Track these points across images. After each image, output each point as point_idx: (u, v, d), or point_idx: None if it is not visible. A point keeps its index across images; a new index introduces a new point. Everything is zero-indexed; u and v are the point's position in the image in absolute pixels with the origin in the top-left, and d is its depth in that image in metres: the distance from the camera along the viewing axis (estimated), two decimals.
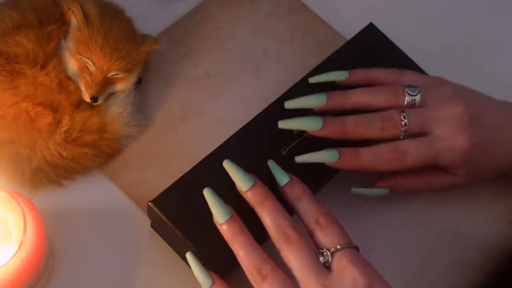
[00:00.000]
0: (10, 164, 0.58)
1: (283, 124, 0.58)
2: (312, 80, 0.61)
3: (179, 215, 0.54)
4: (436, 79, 0.61)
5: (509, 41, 0.74)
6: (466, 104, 0.57)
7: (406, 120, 0.57)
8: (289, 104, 0.59)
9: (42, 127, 0.58)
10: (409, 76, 0.61)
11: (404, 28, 0.67)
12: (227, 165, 0.55)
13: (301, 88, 0.62)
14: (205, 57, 0.68)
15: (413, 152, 0.57)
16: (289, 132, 0.60)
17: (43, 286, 0.56)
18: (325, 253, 0.50)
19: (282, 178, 0.55)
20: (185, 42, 0.69)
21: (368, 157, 0.57)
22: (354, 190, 0.60)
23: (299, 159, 0.57)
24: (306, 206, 0.53)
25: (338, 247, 0.50)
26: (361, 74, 0.61)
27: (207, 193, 0.53)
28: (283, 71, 0.69)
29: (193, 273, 0.58)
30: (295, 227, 0.51)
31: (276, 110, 0.61)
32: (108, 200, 0.60)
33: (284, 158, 0.59)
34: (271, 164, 0.56)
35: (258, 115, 0.60)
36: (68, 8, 0.59)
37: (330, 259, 0.50)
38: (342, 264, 0.49)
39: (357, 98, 0.59)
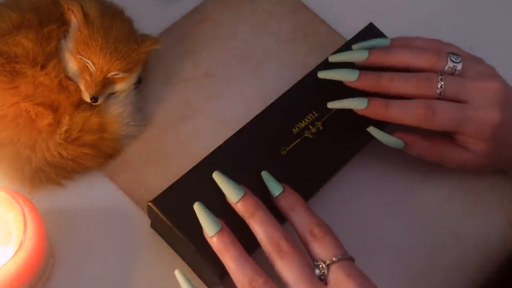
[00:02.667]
0: (10, 164, 0.58)
1: (322, 74, 0.61)
2: (355, 47, 0.63)
3: (179, 215, 0.54)
4: (477, 57, 0.62)
5: (509, 41, 0.74)
6: (505, 84, 0.58)
7: (442, 83, 0.57)
8: (333, 58, 0.62)
9: (42, 127, 0.58)
10: (452, 48, 0.62)
11: (404, 28, 0.67)
12: (216, 176, 0.54)
13: (302, 88, 0.62)
14: (205, 57, 0.68)
15: (443, 112, 0.57)
16: (289, 132, 0.60)
17: (43, 286, 0.56)
18: (320, 266, 0.49)
19: (275, 188, 0.54)
20: (185, 42, 0.69)
21: (396, 109, 0.57)
22: (372, 128, 0.59)
23: (331, 105, 0.59)
24: (300, 217, 0.52)
25: (334, 259, 0.49)
26: (403, 41, 0.62)
27: (196, 207, 0.52)
28: (283, 71, 0.69)
29: (193, 272, 0.58)
30: (288, 238, 0.50)
31: (276, 110, 0.61)
32: (108, 200, 0.60)
33: (284, 158, 0.59)
34: (265, 175, 0.55)
35: (258, 115, 0.60)
36: (68, 8, 0.58)
37: (326, 272, 0.49)
38: (338, 277, 0.48)
39: (398, 55, 0.60)
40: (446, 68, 0.59)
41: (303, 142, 0.60)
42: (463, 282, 0.61)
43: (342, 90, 0.60)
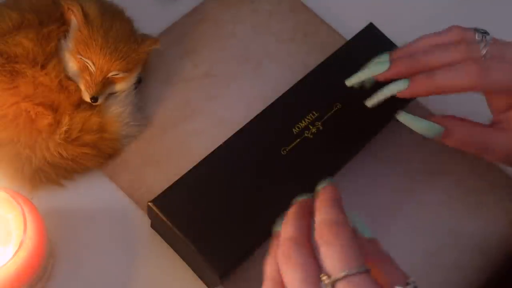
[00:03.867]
0: (10, 164, 0.58)
1: (350, 81, 0.56)
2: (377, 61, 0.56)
3: (179, 215, 0.54)
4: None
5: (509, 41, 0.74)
6: None
7: (485, 44, 0.51)
8: (350, 81, 0.57)
9: (42, 127, 0.58)
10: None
11: (404, 28, 0.67)
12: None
13: (302, 88, 0.62)
14: (205, 57, 0.68)
15: (498, 68, 0.49)
16: (289, 132, 0.60)
17: (43, 286, 0.56)
18: (326, 281, 0.40)
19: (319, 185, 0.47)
20: (185, 42, 0.69)
21: (444, 75, 0.49)
22: (404, 115, 0.53)
23: (370, 103, 0.54)
24: (321, 213, 0.43)
25: (342, 274, 0.39)
26: (429, 40, 0.54)
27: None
28: (283, 71, 0.69)
29: (193, 273, 0.58)
30: (300, 242, 0.42)
31: (276, 110, 0.61)
32: (108, 200, 0.61)
33: (284, 158, 0.59)
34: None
35: (258, 115, 0.60)
36: (68, 8, 0.59)
37: None
38: None
39: (424, 56, 0.52)
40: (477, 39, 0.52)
41: (303, 142, 0.60)
42: (463, 282, 0.61)
43: (344, 89, 0.60)
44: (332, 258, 0.40)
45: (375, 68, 0.53)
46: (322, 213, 0.43)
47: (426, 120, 0.52)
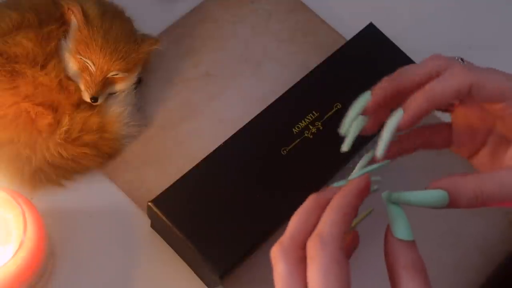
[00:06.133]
0: (10, 164, 0.58)
1: (346, 147, 0.46)
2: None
3: (179, 215, 0.54)
4: None
5: (509, 41, 0.75)
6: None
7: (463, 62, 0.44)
8: (345, 147, 0.46)
9: (42, 127, 0.58)
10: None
11: (404, 28, 0.67)
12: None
13: (302, 88, 0.62)
14: (205, 57, 0.68)
15: (484, 69, 0.43)
16: (289, 132, 0.60)
17: (43, 285, 0.56)
18: None
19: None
20: (185, 42, 0.69)
21: (431, 84, 0.42)
22: (400, 195, 0.45)
23: (380, 154, 0.45)
24: (322, 217, 0.39)
25: None
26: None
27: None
28: (283, 71, 0.69)
29: (193, 273, 0.58)
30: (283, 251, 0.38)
31: (276, 110, 0.61)
32: (108, 200, 0.61)
33: (284, 158, 0.59)
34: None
35: (258, 115, 0.60)
36: (68, 8, 0.59)
37: None
38: None
39: (404, 76, 0.44)
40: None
41: (303, 142, 0.60)
42: (463, 282, 0.61)
43: (343, 90, 0.60)
44: (309, 280, 0.36)
45: (359, 103, 0.44)
46: (322, 218, 0.38)
47: (426, 191, 0.44)
